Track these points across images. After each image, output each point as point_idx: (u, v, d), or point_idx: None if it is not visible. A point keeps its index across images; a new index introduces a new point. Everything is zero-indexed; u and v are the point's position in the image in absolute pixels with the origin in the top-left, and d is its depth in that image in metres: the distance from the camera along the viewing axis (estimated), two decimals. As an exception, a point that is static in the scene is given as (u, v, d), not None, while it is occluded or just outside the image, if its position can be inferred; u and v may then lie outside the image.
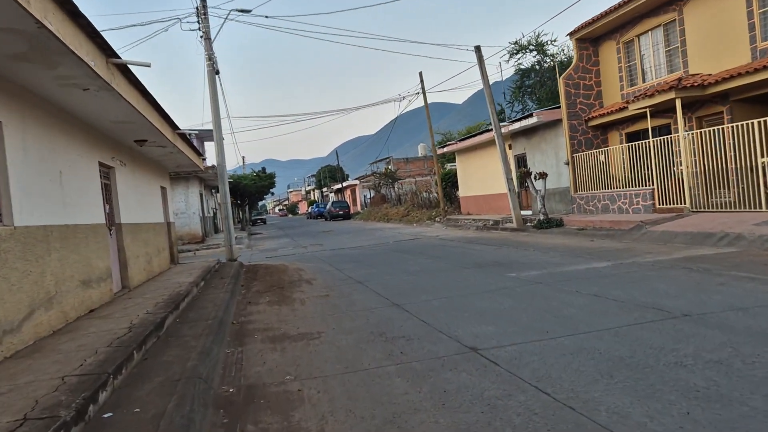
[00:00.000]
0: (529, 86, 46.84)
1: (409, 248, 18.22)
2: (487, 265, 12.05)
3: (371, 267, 14.04)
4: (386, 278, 11.71)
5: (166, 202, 17.02)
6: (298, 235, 34.06)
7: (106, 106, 8.33)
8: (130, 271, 11.31)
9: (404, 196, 45.75)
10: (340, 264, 15.61)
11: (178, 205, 28.13)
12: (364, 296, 9.73)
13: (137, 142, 11.72)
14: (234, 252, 18.89)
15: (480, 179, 27.93)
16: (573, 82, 20.08)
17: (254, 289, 12.26)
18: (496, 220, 23.38)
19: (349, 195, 69.30)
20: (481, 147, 27.17)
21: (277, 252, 22.98)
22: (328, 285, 11.70)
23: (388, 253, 17.48)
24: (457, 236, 21.59)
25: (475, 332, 6.37)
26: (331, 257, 18.07)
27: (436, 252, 16.18)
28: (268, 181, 48.41)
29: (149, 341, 6.43)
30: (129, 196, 12.00)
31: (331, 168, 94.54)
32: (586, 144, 20.09)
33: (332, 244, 23.83)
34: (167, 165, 16.62)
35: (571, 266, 10.70)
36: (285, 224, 62.21)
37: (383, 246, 20.30)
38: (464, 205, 30.38)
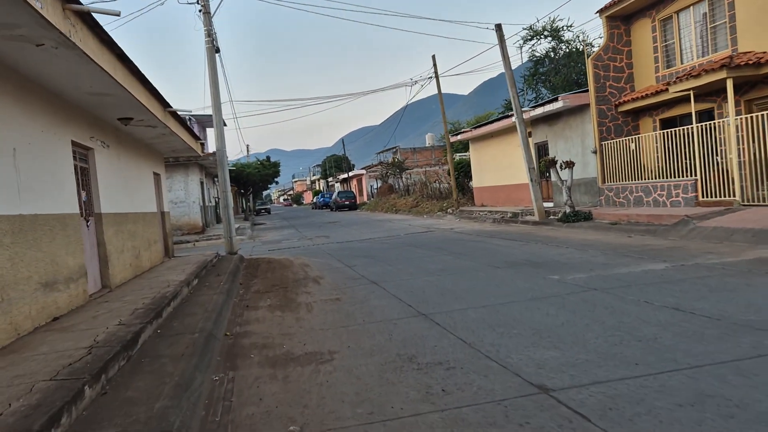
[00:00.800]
0: (543, 73, 45.19)
1: (425, 242, 16.74)
2: (520, 265, 10.56)
3: (385, 264, 12.57)
4: (405, 278, 10.24)
5: (160, 189, 15.58)
6: (303, 226, 32.63)
7: (73, 71, 6.85)
8: (112, 268, 9.86)
9: (413, 187, 44.24)
10: (349, 259, 14.15)
11: (177, 193, 26.72)
12: (382, 302, 8.26)
13: (121, 121, 10.25)
14: (234, 244, 17.44)
15: (495, 169, 26.40)
16: (602, 63, 18.48)
17: (254, 289, 10.81)
18: (514, 212, 21.87)
19: (356, 185, 67.79)
20: (498, 135, 25.61)
21: (280, 244, 21.55)
22: (338, 285, 10.24)
23: (402, 247, 16.00)
24: (473, 229, 20.10)
25: (535, 359, 4.90)
26: (339, 251, 16.61)
27: (455, 247, 14.70)
28: (272, 169, 46.91)
29: (113, 367, 4.97)
30: (112, 183, 10.54)
31: (336, 158, 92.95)
32: (615, 131, 18.52)
33: (339, 237, 22.38)
34: (161, 149, 15.16)
35: (622, 268, 9.20)
36: (289, 214, 60.77)
37: (395, 239, 18.83)
38: (478, 196, 28.86)
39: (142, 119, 10.48)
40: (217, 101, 17.21)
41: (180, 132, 12.91)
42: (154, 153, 14.84)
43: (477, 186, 28.93)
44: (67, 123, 8.31)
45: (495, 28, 19.50)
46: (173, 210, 26.71)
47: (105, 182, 10.03)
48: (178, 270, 12.22)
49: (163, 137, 12.94)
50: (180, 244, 24.72)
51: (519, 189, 24.40)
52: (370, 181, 60.38)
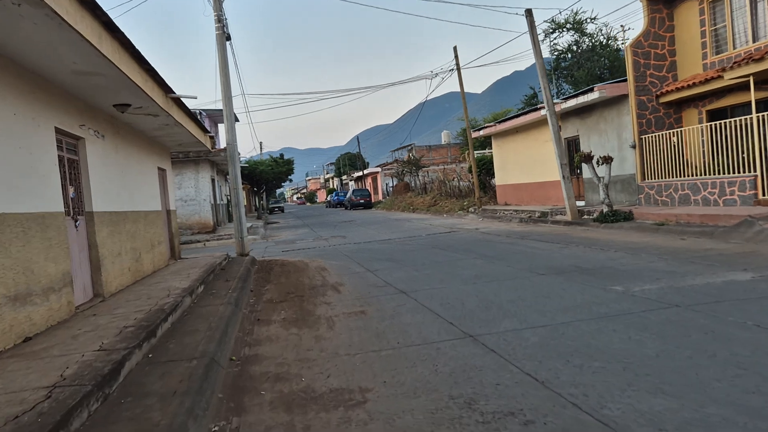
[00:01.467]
0: (565, 68, 43.72)
1: (450, 244, 15.46)
2: (568, 271, 9.26)
3: (411, 269, 11.32)
4: (437, 287, 8.98)
5: (166, 186, 14.43)
6: (318, 225, 31.46)
7: (46, 40, 5.67)
8: (106, 274, 8.69)
9: (430, 185, 42.95)
10: (370, 263, 12.92)
11: (187, 191, 25.65)
12: (416, 317, 7.01)
13: (118, 108, 9.08)
14: (246, 245, 16.28)
15: (520, 166, 25.04)
16: (642, 51, 17.07)
17: (266, 298, 9.61)
18: (542, 211, 20.51)
19: (370, 183, 66.58)
20: (523, 130, 24.26)
21: (295, 245, 20.37)
22: (361, 294, 9.01)
23: (426, 249, 14.74)
24: (500, 229, 18.78)
25: (644, 411, 3.63)
26: (358, 253, 15.39)
27: (485, 249, 13.41)
28: (286, 167, 45.77)
29: (78, 416, 3.77)
30: (108, 178, 9.38)
31: (351, 155, 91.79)
32: (656, 124, 17.12)
33: (356, 237, 21.16)
34: (166, 143, 14.01)
35: (695, 277, 7.87)
36: (303, 213, 59.68)
37: (417, 240, 17.57)
38: (501, 195, 27.52)
39: (140, 106, 9.31)
40: (227, 91, 16.04)
41: (186, 123, 11.74)
42: (158, 147, 13.70)
43: (500, 184, 27.58)
44: (48, 107, 7.13)
45: (525, 13, 18.17)
46: (183, 208, 25.65)
47: (99, 177, 8.86)
48: (183, 275, 11.05)
49: (166, 128, 11.77)
50: (189, 244, 23.66)
51: (546, 187, 23.04)
52: (385, 179, 59.13)
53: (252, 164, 44.07)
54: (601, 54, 42.62)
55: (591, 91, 17.86)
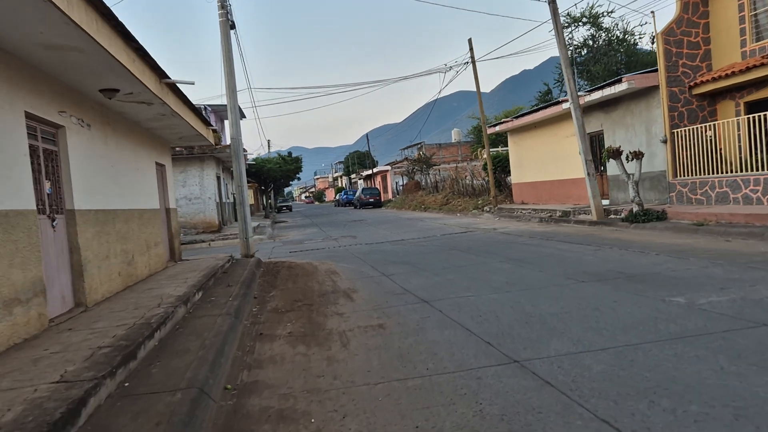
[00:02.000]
0: (580, 63, 42.48)
1: (469, 245, 14.40)
2: (611, 278, 8.19)
3: (431, 273, 10.28)
4: (463, 295, 7.94)
5: (165, 183, 13.46)
6: (327, 225, 30.46)
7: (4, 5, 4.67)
8: (90, 280, 7.70)
9: (441, 183, 41.88)
10: (384, 266, 11.90)
11: (191, 189, 24.70)
12: (444, 333, 5.98)
13: (105, 93, 8.08)
14: (251, 246, 15.30)
15: (539, 163, 23.92)
16: (674, 39, 15.93)
17: (271, 306, 8.60)
18: (564, 210, 19.41)
19: (380, 182, 65.56)
20: (542, 125, 23.14)
21: (303, 245, 19.37)
22: (377, 304, 7.99)
23: (444, 251, 13.70)
24: (520, 229, 17.70)
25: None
26: (370, 255, 14.37)
27: (509, 252, 12.35)
28: (294, 165, 44.80)
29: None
30: (95, 172, 8.39)
31: (359, 154, 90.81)
32: (688, 117, 15.99)
33: (368, 237, 20.14)
34: (165, 136, 13.03)
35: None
36: (312, 212, 58.75)
37: (432, 241, 16.52)
38: (517, 193, 26.41)
39: (130, 92, 8.31)
40: (231, 82, 15.06)
41: (184, 113, 10.74)
42: (157, 140, 12.72)
43: (516, 182, 26.47)
44: (16, 88, 6.14)
45: (548, 0, 17.08)
46: (187, 207, 24.72)
47: (83, 171, 7.88)
48: (180, 279, 10.05)
49: (163, 120, 10.78)
50: (194, 244, 22.72)
51: (566, 185, 21.92)
52: (395, 177, 58.09)
53: (259, 162, 43.13)
54: (618, 48, 41.42)
55: (618, 82, 16.73)
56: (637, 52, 41.79)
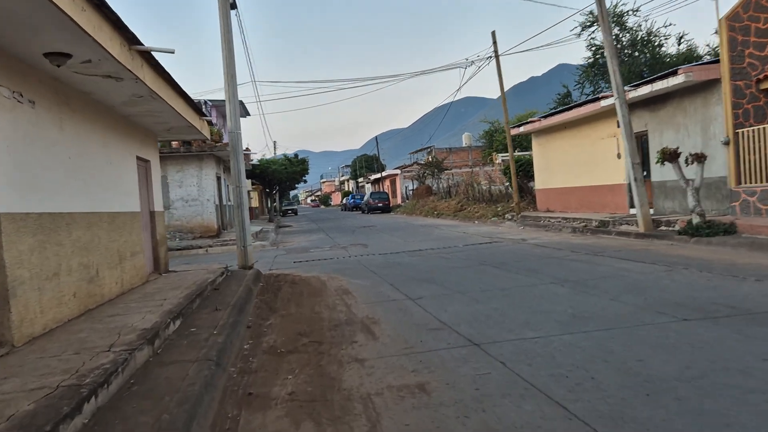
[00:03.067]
0: (602, 65, 40.36)
1: (502, 260, 12.37)
2: (724, 316, 6.12)
3: (469, 298, 8.25)
4: (526, 335, 5.91)
5: (150, 181, 11.49)
6: (335, 230, 28.46)
7: None
8: (21, 308, 5.70)
9: (455, 188, 39.83)
10: (407, 284, 9.89)
11: (188, 189, 22.74)
12: (525, 412, 3.94)
13: (51, 59, 6.09)
14: (249, 256, 13.30)
15: (567, 167, 21.85)
16: (740, 25, 13.86)
17: (267, 342, 6.59)
18: (601, 220, 17.33)
19: (388, 186, 63.55)
20: (573, 125, 21.08)
21: (309, 254, 17.37)
22: (408, 344, 5.97)
23: (474, 266, 11.67)
24: (554, 241, 15.65)
25: None
26: (387, 268, 12.37)
27: (556, 270, 10.30)
28: (300, 166, 42.82)
29: None
30: (39, 163, 6.41)
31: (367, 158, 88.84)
32: (755, 115, 13.90)
33: (380, 246, 18.13)
34: (149, 125, 11.05)
35: None
36: (318, 216, 56.79)
37: (455, 253, 14.50)
38: (542, 200, 24.33)
39: (88, 59, 6.33)
40: (230, 66, 13.10)
41: (168, 96, 8.74)
42: (138, 131, 10.73)
43: (541, 188, 24.39)
44: None
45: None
46: (184, 209, 22.76)
47: (17, 160, 5.90)
48: (157, 300, 8.06)
49: (141, 103, 8.79)
50: (189, 251, 20.75)
51: (600, 192, 19.85)
52: (404, 181, 56.08)
53: (264, 163, 41.18)
54: (644, 49, 39.35)
55: (672, 74, 14.63)
56: (662, 54, 39.76)
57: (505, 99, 23.48)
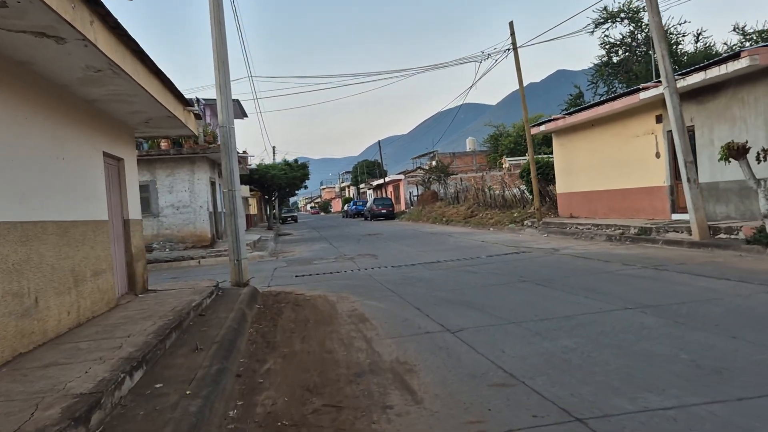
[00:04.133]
0: (618, 63, 38.54)
1: (545, 274, 10.43)
2: None
3: (528, 330, 6.31)
4: (647, 400, 3.95)
5: (124, 183, 9.55)
6: (338, 239, 26.51)
7: None
8: None
9: (463, 193, 37.90)
10: (438, 308, 7.99)
11: (179, 195, 20.79)
12: None
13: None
14: (243, 271, 11.38)
15: (594, 168, 19.93)
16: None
17: (263, 405, 4.64)
18: (642, 227, 15.39)
19: (392, 192, 61.61)
20: (602, 123, 19.15)
21: (312, 266, 15.43)
22: (470, 411, 4.04)
23: (513, 283, 9.74)
24: (591, 251, 13.72)
25: None
26: (406, 285, 10.44)
27: (621, 289, 8.36)
28: (301, 172, 40.85)
29: None
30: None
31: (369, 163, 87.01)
32: (829, 105, 12.03)
33: (392, 257, 16.20)
34: (120, 115, 9.12)
35: None
36: (319, 223, 54.85)
37: (481, 265, 12.57)
38: (564, 205, 22.37)
39: (2, 1, 4.40)
40: (221, 50, 11.21)
41: (134, 70, 6.79)
42: (106, 120, 8.80)
43: (563, 192, 22.44)
44: None
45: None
46: (174, 217, 20.81)
47: None
48: (118, 337, 6.11)
49: (102, 80, 6.84)
50: (180, 262, 18.81)
51: (634, 195, 17.92)
52: (409, 187, 54.14)
53: (263, 168, 39.24)
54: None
55: (734, 58, 12.68)
56: (678, 52, 37.95)
57: (524, 95, 21.57)
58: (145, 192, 20.70)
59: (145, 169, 20.56)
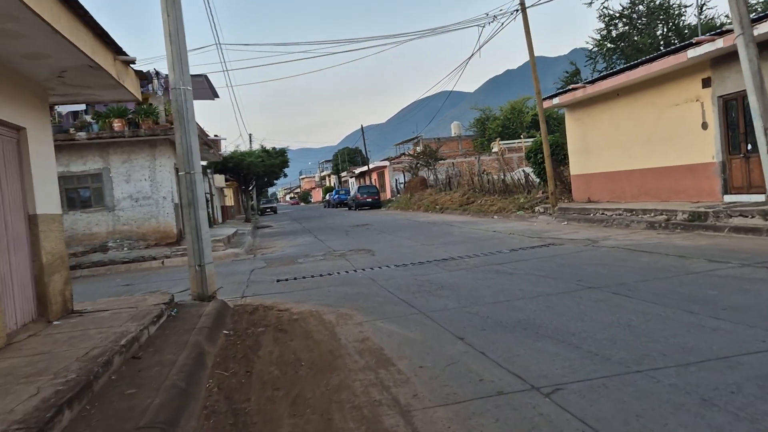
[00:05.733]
0: (618, 37, 36.01)
1: (609, 275, 7.80)
2: None
3: (689, 395, 3.60)
4: None
5: (24, 163, 6.65)
6: (323, 231, 23.69)
7: None
8: None
9: (456, 179, 35.26)
10: (489, 334, 5.34)
11: (138, 185, 17.78)
12: None
13: None
14: (208, 279, 8.60)
15: (620, 145, 17.34)
16: None
17: None
18: (694, 211, 12.84)
19: (376, 179, 58.77)
20: (629, 92, 16.50)
21: (297, 266, 12.65)
22: None
23: (576, 291, 7.09)
24: (640, 242, 11.16)
25: None
26: (425, 295, 7.74)
27: (747, 300, 5.74)
28: (279, 159, 37.70)
29: None
30: None
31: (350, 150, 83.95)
32: None
33: (391, 252, 13.54)
34: (16, 63, 6.22)
35: None
36: (300, 214, 51.84)
37: (507, 262, 9.90)
38: (581, 188, 19.78)
39: None
40: (168, -17, 8.29)
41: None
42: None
43: (578, 173, 19.84)
44: None
45: None
46: (133, 210, 17.84)
47: None
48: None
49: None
50: (139, 263, 15.91)
51: (672, 174, 15.38)
52: (394, 174, 51.35)
53: (238, 155, 36.11)
54: (666, 17, 35.09)
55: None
56: (680, 26, 35.61)
57: (535, 64, 18.81)
58: (97, 182, 17.70)
59: (97, 154, 17.54)
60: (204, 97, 25.74)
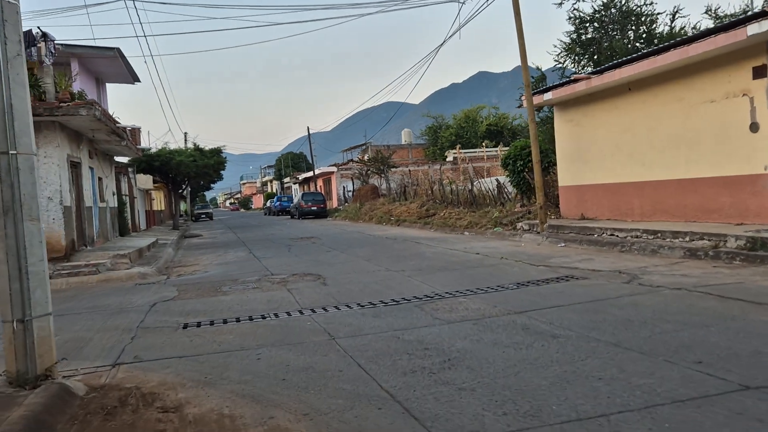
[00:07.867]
0: (588, 41, 33.62)
1: (728, 348, 4.39)
2: None
3: None
4: None
5: None
6: (261, 244, 19.82)
7: None
8: None
9: (411, 188, 31.95)
10: None
11: (14, 180, 13.56)
12: None
13: None
14: (41, 342, 4.74)
15: (629, 151, 14.26)
16: None
17: None
18: (753, 236, 9.75)
19: (322, 186, 54.90)
20: (644, 86, 13.45)
21: (218, 299, 8.78)
22: None
23: (721, 400, 3.62)
24: (705, 278, 8.01)
25: None
26: (434, 386, 4.06)
27: None
28: (214, 159, 33.30)
29: None
30: None
31: (294, 155, 79.68)
32: None
33: (349, 280, 9.98)
34: None
35: None
36: (237, 222, 47.41)
37: (528, 308, 6.40)
38: (570, 202, 16.67)
39: None
40: None
41: None
42: None
43: (568, 184, 16.71)
44: None
45: None
46: (4, 213, 13.46)
47: None
48: None
49: None
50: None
51: (702, 188, 12.37)
52: (342, 181, 47.65)
53: (166, 153, 31.57)
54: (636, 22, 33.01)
55: None
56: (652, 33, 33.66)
57: (525, 53, 15.59)
58: (-45, 174, 13.27)
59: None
60: (119, 79, 21.35)
